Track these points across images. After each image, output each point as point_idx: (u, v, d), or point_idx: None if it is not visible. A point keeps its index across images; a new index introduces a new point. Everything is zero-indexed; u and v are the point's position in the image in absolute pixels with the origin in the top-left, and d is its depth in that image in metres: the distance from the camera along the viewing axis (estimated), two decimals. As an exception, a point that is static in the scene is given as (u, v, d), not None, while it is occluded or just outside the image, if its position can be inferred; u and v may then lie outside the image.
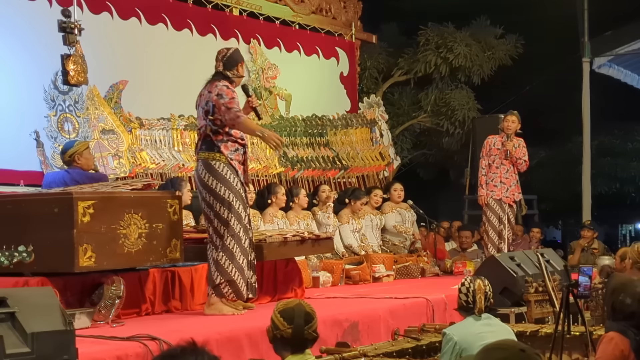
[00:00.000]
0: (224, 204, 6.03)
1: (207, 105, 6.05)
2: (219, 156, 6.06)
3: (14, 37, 8.58)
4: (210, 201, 6.05)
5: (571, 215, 18.03)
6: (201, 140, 6.13)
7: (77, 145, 7.07)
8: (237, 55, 6.34)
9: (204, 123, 6.09)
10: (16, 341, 3.71)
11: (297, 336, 3.91)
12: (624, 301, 4.33)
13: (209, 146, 6.09)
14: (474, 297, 4.96)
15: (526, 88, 14.91)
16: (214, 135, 6.07)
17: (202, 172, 6.07)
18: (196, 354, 2.38)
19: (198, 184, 6.14)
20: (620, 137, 19.04)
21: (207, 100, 6.07)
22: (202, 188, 6.09)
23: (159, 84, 9.91)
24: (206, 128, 6.08)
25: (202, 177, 6.06)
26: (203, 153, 6.10)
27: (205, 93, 6.12)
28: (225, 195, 6.03)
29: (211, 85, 6.13)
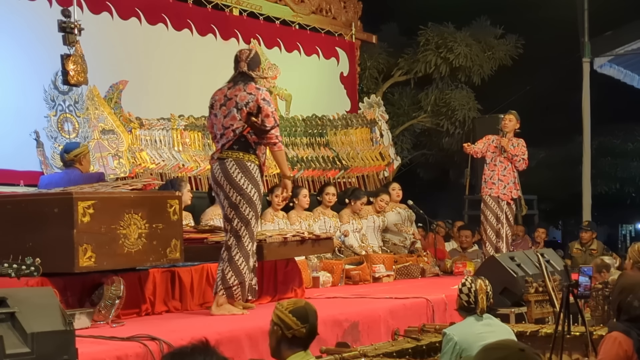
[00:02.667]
0: (249, 205, 6.05)
1: (248, 107, 6.03)
2: (254, 158, 6.09)
3: (14, 37, 8.59)
4: (236, 200, 6.04)
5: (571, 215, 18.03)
6: (234, 139, 6.07)
7: (83, 147, 7.11)
8: (258, 56, 6.39)
9: (240, 124, 6.04)
10: (16, 341, 3.71)
11: (311, 334, 3.93)
12: (632, 303, 4.31)
13: (243, 146, 6.08)
14: (475, 298, 4.95)
15: (526, 88, 14.91)
16: (252, 136, 6.08)
17: (233, 170, 6.04)
18: (205, 354, 2.37)
19: (223, 181, 6.07)
20: (620, 137, 19.05)
21: (247, 101, 6.05)
22: (230, 186, 6.04)
23: (159, 84, 9.91)
24: (243, 128, 6.05)
25: (233, 175, 6.03)
26: (235, 152, 6.06)
27: (242, 94, 6.08)
28: (253, 197, 6.06)
29: (247, 86, 6.13)
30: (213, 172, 6.16)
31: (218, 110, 6.15)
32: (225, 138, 6.09)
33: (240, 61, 6.28)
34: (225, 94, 6.17)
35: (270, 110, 6.04)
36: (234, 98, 6.10)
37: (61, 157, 7.20)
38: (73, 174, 6.82)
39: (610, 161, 18.56)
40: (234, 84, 6.20)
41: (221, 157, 6.09)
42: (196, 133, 9.96)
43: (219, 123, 6.14)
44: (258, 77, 6.26)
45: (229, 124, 6.07)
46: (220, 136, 6.13)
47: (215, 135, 6.23)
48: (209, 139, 10.05)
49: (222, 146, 6.10)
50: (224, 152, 6.08)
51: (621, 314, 4.39)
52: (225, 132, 6.09)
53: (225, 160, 6.06)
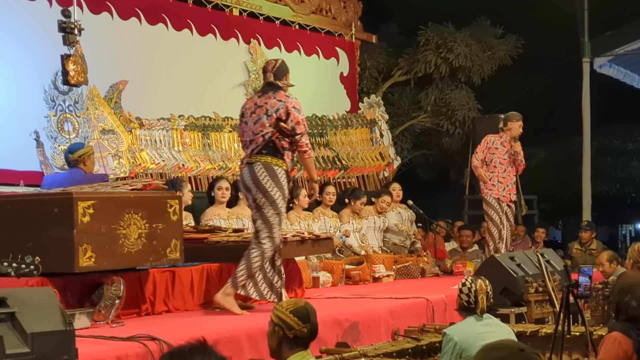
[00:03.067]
0: (273, 207, 6.26)
1: (278, 113, 6.27)
2: (282, 163, 6.32)
3: (14, 37, 8.59)
4: (260, 202, 6.25)
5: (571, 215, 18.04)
6: (263, 144, 6.29)
7: (87, 148, 7.14)
8: (285, 65, 6.62)
9: (269, 129, 6.28)
10: (16, 341, 3.71)
11: (312, 334, 3.93)
12: (630, 303, 4.32)
13: (271, 151, 6.31)
14: (475, 298, 4.95)
15: (526, 88, 14.91)
16: (280, 141, 6.31)
17: (260, 174, 6.25)
18: (204, 354, 2.37)
19: (251, 184, 6.27)
20: (620, 137, 19.06)
21: (277, 107, 6.29)
22: (257, 189, 6.26)
23: (159, 84, 9.91)
24: (272, 134, 6.28)
25: (260, 178, 6.24)
26: (264, 157, 6.29)
27: (272, 101, 6.33)
28: (277, 200, 6.26)
29: (277, 94, 6.38)
30: (242, 176, 6.39)
31: (248, 118, 6.40)
32: (254, 143, 6.32)
33: (267, 72, 6.53)
34: (256, 102, 6.43)
35: (300, 117, 6.34)
36: (264, 105, 6.35)
37: (65, 157, 7.22)
38: (77, 174, 6.83)
39: (610, 161, 18.57)
40: (263, 93, 6.47)
41: (250, 162, 6.32)
42: (196, 133, 9.96)
43: (249, 130, 6.38)
44: (285, 86, 6.50)
45: (258, 130, 6.32)
46: (250, 142, 6.36)
47: (245, 142, 6.45)
48: (208, 139, 10.08)
49: (251, 151, 6.33)
50: (252, 156, 6.31)
51: (620, 314, 4.39)
52: (254, 137, 6.33)
53: (254, 165, 6.29)
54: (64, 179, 6.84)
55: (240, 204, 9.04)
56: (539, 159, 18.16)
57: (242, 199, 9.00)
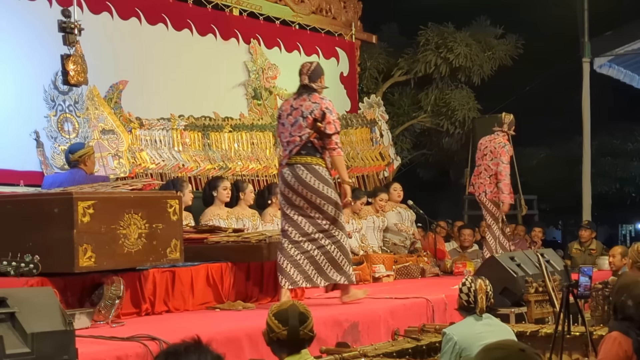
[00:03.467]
0: (330, 203, 6.57)
1: (313, 114, 6.55)
2: (321, 161, 6.61)
3: (14, 37, 8.58)
4: (317, 202, 6.56)
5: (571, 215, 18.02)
6: (301, 144, 6.56)
7: (88, 148, 7.14)
8: (319, 68, 6.85)
9: (306, 130, 6.55)
10: (16, 341, 3.71)
11: (293, 337, 3.91)
12: (626, 302, 4.33)
13: (310, 151, 6.60)
14: (475, 297, 4.95)
15: (526, 88, 14.91)
16: (318, 141, 6.60)
17: (305, 175, 6.54)
18: (199, 352, 2.37)
19: (297, 185, 6.54)
20: (620, 137, 19.05)
21: (312, 109, 6.57)
22: (306, 190, 6.54)
23: (159, 84, 9.91)
24: (309, 134, 6.55)
25: (306, 179, 6.53)
26: (303, 157, 6.57)
27: (307, 103, 6.61)
28: (332, 196, 6.58)
29: (311, 96, 6.65)
30: (284, 177, 6.62)
31: (285, 120, 6.69)
32: (292, 144, 6.60)
33: (302, 74, 6.78)
34: (292, 104, 6.72)
35: (333, 118, 6.61)
36: (300, 107, 6.64)
37: (66, 157, 7.23)
38: (78, 174, 6.84)
39: (610, 161, 18.55)
40: (298, 95, 6.75)
41: (290, 163, 6.60)
42: (196, 133, 9.96)
43: (286, 132, 6.67)
44: (319, 88, 6.75)
45: (295, 132, 6.61)
46: (287, 143, 6.65)
47: (283, 143, 6.74)
48: (208, 139, 10.07)
49: (289, 152, 6.61)
50: (292, 157, 6.59)
51: (617, 313, 4.41)
52: (292, 139, 6.61)
53: (295, 166, 6.58)
54: (64, 179, 6.84)
55: (240, 204, 9.05)
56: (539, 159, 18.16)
57: (243, 199, 9.03)
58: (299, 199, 6.57)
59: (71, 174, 6.95)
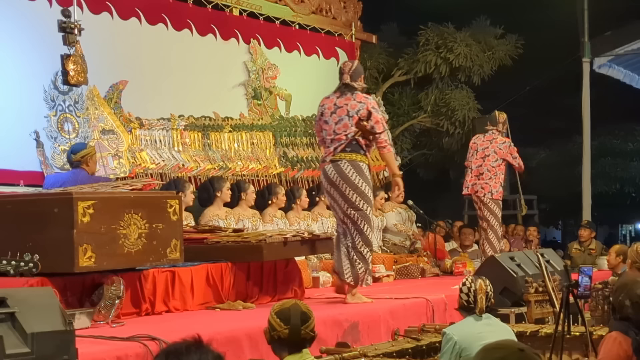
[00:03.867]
0: (366, 201, 6.76)
1: (359, 113, 6.72)
2: (365, 159, 6.82)
3: (14, 37, 8.58)
4: (353, 198, 6.72)
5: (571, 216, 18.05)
6: (346, 142, 6.75)
7: (90, 148, 7.15)
8: (360, 67, 7.08)
9: (352, 129, 6.73)
10: (16, 341, 3.71)
11: (294, 336, 3.92)
12: (624, 302, 4.34)
13: (355, 149, 6.78)
14: (475, 297, 4.95)
15: (526, 88, 14.91)
16: (362, 139, 6.78)
17: (348, 171, 6.73)
18: (200, 352, 2.36)
19: (339, 181, 6.74)
20: (620, 137, 19.07)
21: (358, 108, 6.75)
22: (346, 185, 6.73)
23: (159, 84, 9.91)
24: (354, 133, 6.74)
25: (348, 175, 6.72)
26: (348, 154, 6.76)
27: (353, 102, 6.79)
28: (368, 193, 6.79)
29: (356, 95, 6.83)
30: (327, 173, 6.82)
31: (329, 118, 6.85)
32: (337, 142, 6.78)
33: (343, 73, 6.98)
34: (335, 103, 6.88)
35: (379, 117, 6.81)
36: (345, 106, 6.81)
37: (68, 157, 7.23)
38: (80, 174, 6.84)
39: (610, 161, 18.57)
40: (341, 94, 6.91)
41: (334, 160, 6.78)
42: (196, 133, 9.96)
43: (329, 129, 6.84)
44: (360, 87, 6.92)
45: (341, 130, 6.78)
46: (331, 141, 6.82)
47: (324, 140, 6.91)
48: (208, 139, 10.07)
49: (334, 149, 6.78)
50: (336, 154, 6.77)
51: (615, 313, 4.41)
52: (336, 137, 6.79)
53: (339, 162, 6.75)
54: (67, 178, 6.85)
55: (241, 205, 9.05)
56: (539, 159, 18.19)
57: (244, 199, 9.04)
58: (337, 194, 6.78)
59: (74, 174, 6.95)
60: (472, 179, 9.65)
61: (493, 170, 9.53)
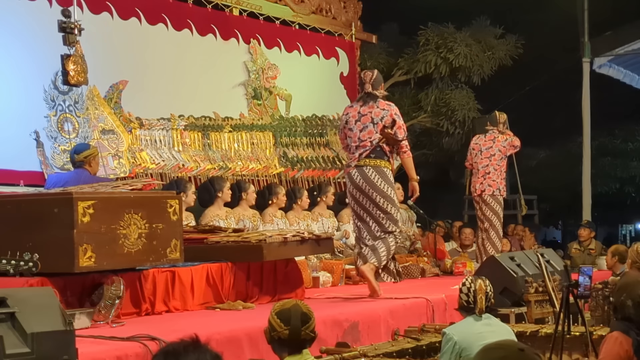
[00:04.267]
0: (391, 203, 7.21)
1: (383, 120, 7.12)
2: (388, 164, 7.25)
3: (14, 37, 8.58)
4: (380, 202, 7.16)
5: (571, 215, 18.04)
6: (371, 149, 7.15)
7: (93, 149, 7.16)
8: (380, 76, 7.44)
9: (377, 136, 7.13)
10: (16, 341, 3.71)
11: (294, 337, 3.92)
12: (625, 302, 4.34)
13: (378, 155, 7.20)
14: (474, 297, 4.95)
15: (526, 88, 14.91)
16: (385, 145, 7.19)
17: (373, 176, 7.15)
18: (198, 351, 2.36)
19: (365, 185, 7.14)
20: (620, 137, 19.06)
21: (382, 116, 7.14)
22: (372, 190, 7.14)
23: (159, 84, 9.91)
24: (379, 139, 7.13)
25: (374, 180, 7.14)
26: (372, 160, 7.16)
27: (376, 110, 7.17)
28: (392, 196, 7.22)
29: (378, 103, 7.21)
30: (352, 178, 7.21)
31: (353, 125, 7.22)
32: (362, 148, 7.16)
33: (365, 83, 7.30)
34: (359, 111, 7.24)
35: (401, 123, 7.21)
36: (369, 114, 7.18)
37: (71, 157, 7.23)
38: (83, 174, 6.84)
39: (610, 161, 18.57)
40: (364, 103, 7.26)
41: (359, 165, 7.18)
42: (196, 133, 9.96)
43: (354, 136, 7.22)
44: (382, 94, 7.29)
45: (365, 137, 7.16)
46: (356, 147, 7.19)
47: (349, 147, 7.28)
48: (208, 139, 10.07)
49: (359, 155, 7.16)
50: (361, 160, 7.17)
51: (616, 313, 4.41)
52: (361, 143, 7.17)
53: (364, 168, 7.16)
54: (69, 178, 6.85)
55: (241, 205, 9.05)
56: (539, 159, 18.18)
57: (245, 199, 9.04)
58: (365, 198, 7.17)
59: (76, 174, 6.96)
60: (479, 179, 9.68)
61: (499, 168, 9.61)
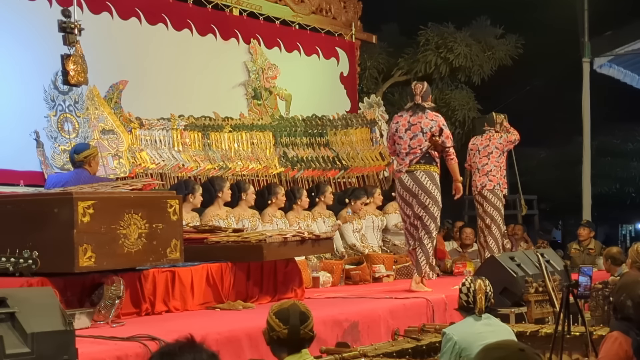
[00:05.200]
0: (436, 205, 7.90)
1: (432, 130, 7.82)
2: (436, 169, 7.96)
3: (14, 37, 8.58)
4: (427, 202, 7.85)
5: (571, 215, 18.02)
6: (420, 155, 7.83)
7: (92, 149, 7.15)
8: (429, 89, 8.17)
9: (426, 144, 7.82)
10: (16, 341, 3.71)
11: (293, 336, 3.92)
12: (625, 302, 4.33)
13: (428, 160, 7.91)
14: (474, 297, 4.95)
15: (526, 88, 14.90)
16: (433, 152, 7.89)
17: (424, 179, 7.86)
18: (194, 351, 2.36)
19: (416, 188, 7.84)
20: (620, 137, 19.04)
21: (431, 126, 7.84)
22: (422, 192, 7.84)
23: (159, 84, 9.91)
24: (427, 147, 7.83)
25: (424, 183, 7.85)
26: (423, 165, 7.87)
27: (426, 120, 7.87)
28: (438, 197, 7.92)
29: (427, 113, 7.91)
30: (403, 182, 7.91)
31: (403, 134, 7.92)
32: (412, 155, 7.86)
33: (415, 94, 8.01)
34: (409, 121, 7.94)
35: (448, 132, 7.96)
36: (418, 124, 7.88)
37: (70, 157, 7.23)
38: (83, 174, 6.84)
39: (610, 161, 18.54)
40: (413, 113, 7.95)
41: (410, 170, 7.88)
42: (196, 133, 9.96)
43: (404, 143, 7.90)
44: (430, 106, 8.00)
45: (415, 144, 7.85)
46: (406, 154, 7.88)
47: (399, 152, 7.97)
48: (208, 139, 10.06)
49: (410, 161, 7.85)
50: (412, 165, 7.87)
51: (616, 313, 4.41)
52: (411, 150, 7.86)
53: (415, 172, 7.87)
54: (69, 178, 6.85)
55: (241, 205, 9.05)
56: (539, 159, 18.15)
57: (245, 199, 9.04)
58: (414, 200, 7.85)
59: (76, 174, 6.95)
60: (480, 177, 9.71)
61: (499, 165, 9.66)
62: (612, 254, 7.99)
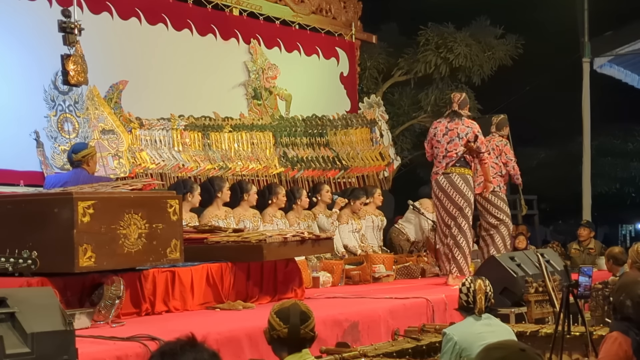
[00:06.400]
0: (470, 206, 8.43)
1: (467, 136, 8.37)
2: (470, 172, 8.49)
3: (14, 37, 8.58)
4: (460, 202, 8.37)
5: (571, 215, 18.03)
6: (456, 159, 8.38)
7: (91, 148, 7.15)
8: (467, 99, 8.74)
9: (462, 148, 8.37)
10: (16, 341, 3.71)
11: (294, 336, 3.92)
12: (624, 302, 4.33)
13: (463, 164, 8.45)
14: (474, 297, 4.95)
15: (526, 88, 14.90)
16: (468, 156, 8.43)
17: (459, 182, 8.38)
18: (195, 350, 2.36)
19: (451, 190, 8.36)
20: (620, 137, 19.06)
21: (467, 132, 8.40)
22: (457, 193, 8.36)
23: (159, 84, 9.91)
24: (463, 151, 8.37)
25: (459, 185, 8.37)
26: (458, 168, 8.42)
27: (462, 127, 8.43)
28: (471, 198, 8.43)
29: (463, 120, 8.48)
30: (439, 183, 8.46)
31: (441, 138, 8.48)
32: (448, 158, 8.42)
33: (453, 102, 8.57)
34: (446, 126, 8.50)
35: (483, 139, 8.52)
36: (455, 129, 8.44)
37: (68, 157, 7.23)
38: (81, 174, 6.84)
39: (610, 161, 18.56)
40: (451, 119, 8.51)
41: (446, 172, 8.44)
42: (196, 133, 9.96)
43: (441, 147, 8.47)
44: (466, 114, 8.55)
45: (452, 149, 8.42)
46: (443, 157, 8.45)
47: (436, 155, 8.54)
48: (208, 139, 10.06)
49: (446, 164, 8.42)
50: (448, 168, 8.43)
51: (616, 313, 4.41)
52: (448, 154, 8.42)
53: (450, 175, 8.43)
54: (68, 178, 6.85)
55: (242, 205, 9.05)
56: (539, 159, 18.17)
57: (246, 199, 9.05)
58: (448, 201, 8.37)
59: (75, 173, 6.95)
60: (477, 178, 9.72)
61: (497, 167, 9.63)
62: (614, 254, 7.98)
